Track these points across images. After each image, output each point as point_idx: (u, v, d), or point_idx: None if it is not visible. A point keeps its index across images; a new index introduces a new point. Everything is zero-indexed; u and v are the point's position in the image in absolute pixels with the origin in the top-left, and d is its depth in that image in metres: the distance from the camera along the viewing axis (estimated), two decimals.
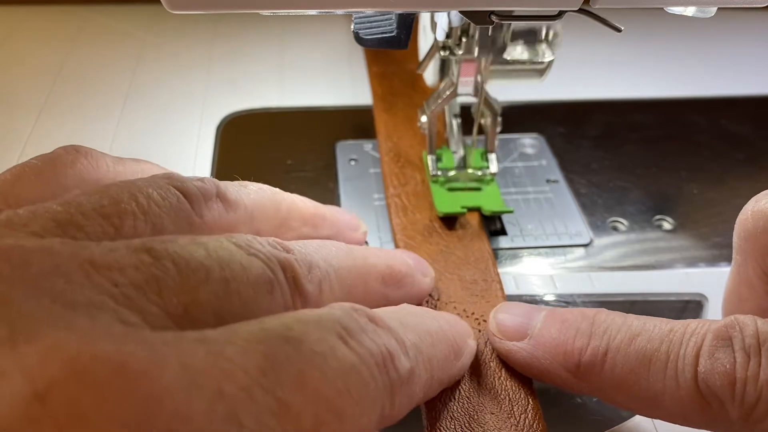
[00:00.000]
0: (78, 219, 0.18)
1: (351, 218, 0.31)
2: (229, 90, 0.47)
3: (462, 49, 0.32)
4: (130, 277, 0.16)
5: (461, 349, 0.24)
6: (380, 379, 0.18)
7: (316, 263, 0.22)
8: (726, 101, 0.48)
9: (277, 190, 0.27)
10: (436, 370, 0.22)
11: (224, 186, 0.24)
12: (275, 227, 0.26)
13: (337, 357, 0.17)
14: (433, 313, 0.25)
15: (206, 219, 0.22)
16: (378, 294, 0.25)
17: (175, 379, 0.14)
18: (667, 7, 0.24)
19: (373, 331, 0.19)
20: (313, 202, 0.29)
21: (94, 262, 0.16)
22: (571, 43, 0.52)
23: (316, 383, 0.16)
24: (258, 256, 0.20)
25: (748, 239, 0.24)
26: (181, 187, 0.22)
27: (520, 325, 0.25)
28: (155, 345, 0.14)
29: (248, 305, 0.18)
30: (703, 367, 0.21)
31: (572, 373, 0.23)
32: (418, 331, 0.21)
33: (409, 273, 0.27)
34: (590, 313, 0.24)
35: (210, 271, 0.18)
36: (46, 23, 0.54)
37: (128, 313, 0.15)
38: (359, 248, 0.26)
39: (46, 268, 0.15)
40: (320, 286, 0.22)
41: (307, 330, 0.17)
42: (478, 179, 0.36)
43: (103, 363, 0.13)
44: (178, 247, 0.18)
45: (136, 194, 0.20)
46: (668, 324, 0.22)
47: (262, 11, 0.22)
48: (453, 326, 0.24)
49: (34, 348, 0.13)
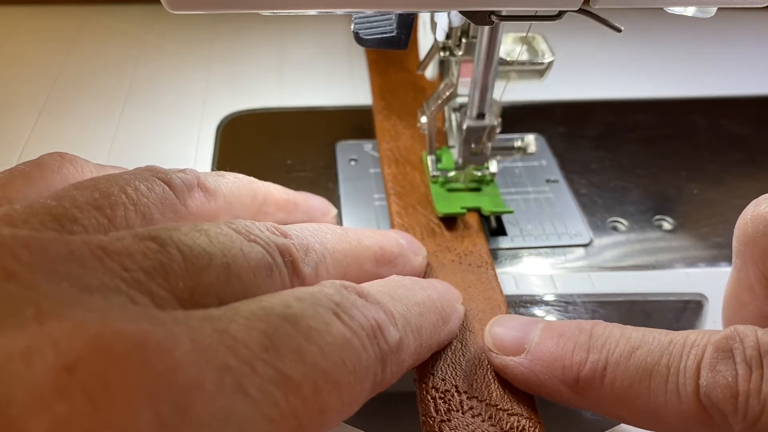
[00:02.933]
0: (73, 212, 0.19)
1: (321, 203, 0.32)
2: (229, 90, 0.47)
3: (462, 50, 0.32)
4: (138, 263, 0.17)
5: (449, 315, 0.25)
6: (371, 350, 0.19)
7: (312, 247, 0.23)
8: (726, 101, 0.48)
9: (252, 179, 0.28)
10: (424, 337, 0.23)
11: (204, 176, 0.25)
12: (253, 214, 0.27)
13: (331, 331, 0.18)
14: (422, 282, 0.26)
15: (190, 208, 0.24)
16: (372, 274, 0.26)
17: (187, 354, 0.15)
18: (667, 7, 0.24)
19: (363, 305, 0.20)
20: (286, 189, 0.30)
21: (105, 248, 0.17)
22: (571, 43, 0.52)
23: (314, 356, 0.17)
24: (257, 242, 0.21)
25: (747, 243, 0.24)
26: (165, 178, 0.23)
27: (517, 339, 0.24)
28: (167, 323, 0.15)
29: (249, 288, 0.20)
30: (705, 380, 0.20)
31: (571, 388, 0.23)
32: (406, 301, 0.23)
33: (402, 253, 0.28)
34: (587, 326, 0.23)
35: (212, 256, 0.19)
36: (46, 23, 0.54)
37: (139, 295, 0.16)
38: (353, 230, 0.27)
39: (63, 254, 0.16)
40: (317, 269, 0.23)
41: (302, 307, 0.18)
42: (477, 179, 0.36)
43: (123, 339, 0.14)
44: (182, 235, 0.19)
45: (124, 186, 0.21)
46: (667, 336, 0.22)
47: (262, 11, 0.22)
48: (440, 293, 0.25)
49: (61, 325, 0.14)
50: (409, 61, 0.47)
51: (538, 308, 0.32)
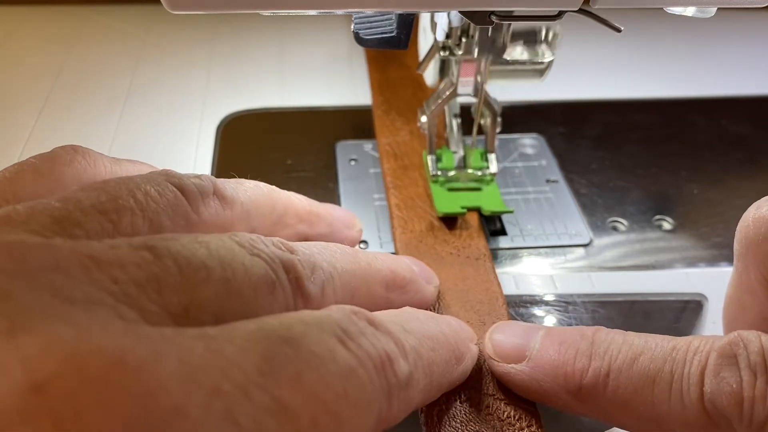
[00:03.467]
0: (76, 216, 0.18)
1: (347, 215, 0.31)
2: (229, 90, 0.47)
3: (462, 50, 0.32)
4: (130, 275, 0.16)
5: (463, 354, 0.24)
6: (378, 383, 0.18)
7: (319, 265, 0.22)
8: (726, 101, 0.48)
9: (273, 188, 0.27)
10: (435, 375, 0.21)
11: (221, 183, 0.24)
12: (271, 225, 0.26)
13: (335, 359, 0.17)
14: (436, 317, 0.24)
15: (203, 216, 0.22)
16: (381, 299, 0.25)
17: (172, 375, 0.13)
18: (667, 7, 0.24)
19: (372, 334, 0.19)
20: (309, 199, 0.29)
21: (95, 258, 0.16)
22: (571, 43, 0.52)
23: (314, 385, 0.16)
24: (261, 256, 0.19)
25: (749, 246, 0.24)
26: (179, 183, 0.22)
27: (518, 346, 0.24)
28: (153, 340, 0.14)
29: (249, 305, 0.18)
30: (709, 387, 0.20)
31: (574, 396, 0.22)
32: (419, 335, 0.21)
33: (414, 279, 0.27)
34: (589, 333, 0.23)
35: (211, 270, 0.18)
36: (46, 23, 0.54)
37: (127, 310, 0.15)
38: (364, 252, 0.25)
39: (47, 263, 0.15)
40: (323, 288, 0.21)
41: (306, 331, 0.17)
42: (478, 179, 0.36)
43: (100, 357, 0.13)
44: (180, 246, 0.18)
45: (133, 190, 0.20)
46: (670, 342, 0.22)
47: (262, 11, 0.22)
48: (455, 330, 0.24)
49: (33, 340, 0.13)
50: (408, 58, 0.47)
51: (538, 308, 0.32)
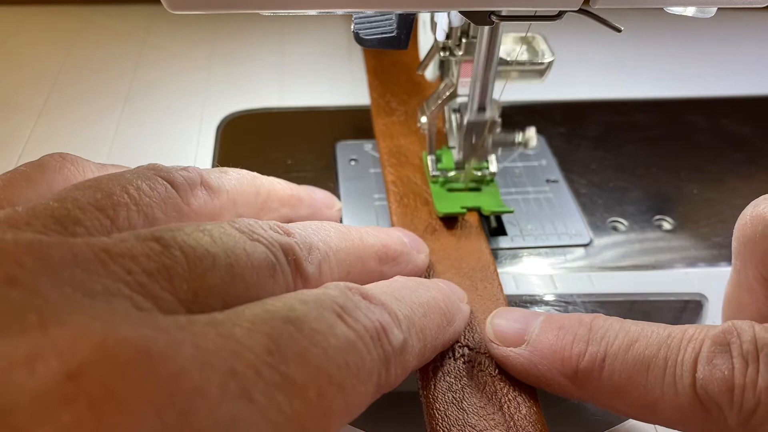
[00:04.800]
0: (75, 213, 0.19)
1: (326, 196, 0.32)
2: (229, 90, 0.47)
3: (462, 50, 0.32)
4: (142, 266, 0.17)
5: (453, 316, 0.25)
6: (375, 352, 0.19)
7: (315, 245, 0.23)
8: (726, 101, 0.48)
9: (255, 174, 0.28)
10: (428, 338, 0.23)
11: (207, 173, 0.25)
12: (256, 210, 0.27)
13: (335, 334, 0.18)
14: (426, 282, 0.25)
15: (193, 206, 0.23)
16: (375, 272, 0.26)
17: (190, 360, 0.15)
18: (667, 7, 0.24)
19: (367, 307, 0.20)
20: (289, 183, 0.30)
21: (109, 251, 0.17)
22: (571, 43, 0.52)
23: (318, 359, 0.17)
24: (261, 241, 0.21)
25: (747, 244, 0.24)
26: (168, 177, 0.23)
27: (517, 330, 0.25)
28: (170, 329, 0.15)
29: (252, 288, 0.19)
30: (702, 374, 0.21)
31: (570, 380, 0.23)
32: (410, 302, 0.23)
33: (405, 251, 0.28)
34: (587, 319, 0.24)
35: (216, 257, 0.19)
36: (46, 23, 0.54)
37: (142, 299, 0.16)
38: (356, 228, 0.26)
39: (66, 259, 0.16)
40: (320, 268, 0.23)
41: (306, 310, 0.18)
42: (477, 179, 0.36)
43: (127, 346, 0.14)
44: (185, 236, 0.19)
45: (126, 186, 0.21)
46: (666, 329, 0.22)
47: (262, 11, 0.22)
48: (445, 294, 0.25)
49: (64, 332, 0.14)
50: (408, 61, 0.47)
51: (538, 308, 0.32)
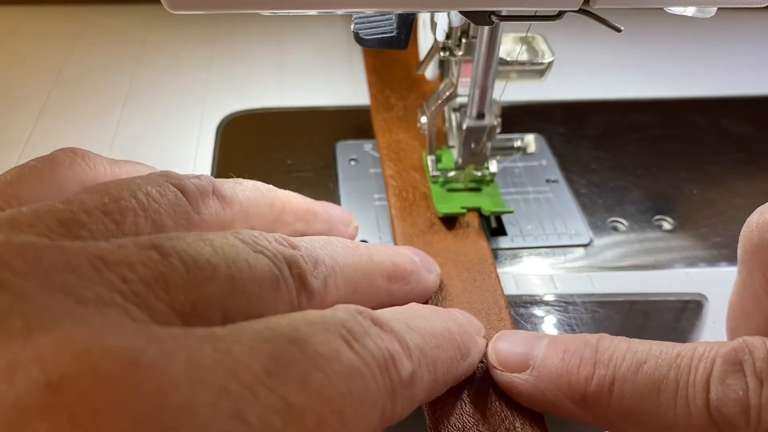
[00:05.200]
0: (81, 217, 0.18)
1: (343, 213, 0.31)
2: (229, 90, 0.47)
3: (462, 50, 0.32)
4: (138, 274, 0.16)
5: (469, 349, 0.24)
6: (382, 382, 0.18)
7: (321, 260, 0.22)
8: (726, 101, 0.48)
9: (270, 187, 0.27)
10: (440, 371, 0.21)
11: (220, 183, 0.24)
12: (270, 223, 0.26)
13: (340, 360, 0.17)
14: (442, 312, 0.24)
15: (204, 216, 0.23)
16: (383, 291, 0.25)
17: (181, 374, 0.14)
18: (667, 7, 0.24)
19: (377, 334, 0.19)
20: (306, 198, 0.29)
21: (104, 258, 0.16)
22: (571, 43, 0.52)
23: (320, 385, 0.16)
24: (264, 253, 0.20)
25: (754, 252, 0.24)
26: (179, 184, 0.22)
27: (521, 355, 0.24)
28: (163, 340, 0.15)
29: (254, 302, 0.19)
30: (715, 394, 0.20)
31: (578, 404, 0.22)
32: (423, 332, 0.21)
33: (415, 270, 0.27)
34: (593, 340, 0.23)
35: (216, 268, 0.18)
36: (46, 23, 0.54)
37: (136, 309, 0.16)
38: (365, 245, 0.26)
39: (59, 264, 0.15)
40: (325, 283, 0.22)
41: (312, 331, 0.17)
42: (477, 179, 0.36)
43: (113, 357, 0.13)
44: (186, 245, 0.18)
45: (135, 191, 0.20)
46: (675, 348, 0.22)
47: (262, 11, 0.22)
48: (461, 325, 0.24)
49: (48, 340, 0.13)
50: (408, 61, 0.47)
51: (538, 308, 0.32)
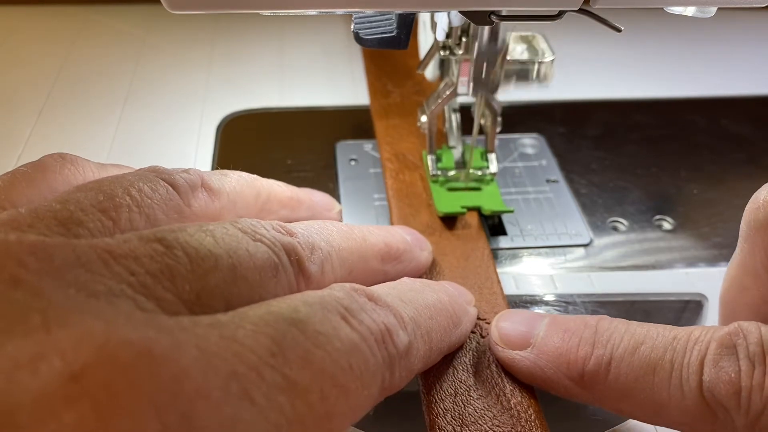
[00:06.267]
0: (78, 215, 0.19)
1: (325, 198, 0.32)
2: (229, 90, 0.47)
3: (462, 49, 0.32)
4: (145, 266, 0.17)
5: (460, 318, 0.25)
6: (380, 355, 0.19)
7: (318, 245, 0.23)
8: (726, 101, 0.48)
9: (255, 177, 0.28)
10: (434, 341, 0.23)
11: (207, 175, 0.25)
12: (256, 212, 0.27)
13: (339, 336, 0.18)
14: (433, 285, 0.25)
15: (194, 209, 0.23)
16: (377, 271, 0.26)
17: (193, 362, 0.15)
18: (667, 7, 0.24)
19: (372, 309, 0.20)
20: (289, 186, 0.30)
21: (112, 252, 0.17)
22: (571, 43, 0.52)
23: (321, 361, 0.17)
24: (263, 241, 0.21)
25: (758, 229, 0.24)
26: (169, 179, 0.23)
27: (523, 333, 0.25)
28: (173, 331, 0.15)
29: (255, 288, 0.19)
30: (708, 376, 0.20)
31: (576, 383, 0.23)
32: (416, 304, 0.22)
33: (407, 249, 0.28)
34: (593, 321, 0.24)
35: (218, 258, 0.19)
36: (46, 23, 0.54)
37: (145, 300, 0.16)
38: (359, 227, 0.26)
39: (69, 260, 0.16)
40: (322, 267, 0.23)
41: (311, 312, 0.18)
42: (478, 179, 0.36)
43: (129, 348, 0.14)
44: (188, 236, 0.19)
45: (128, 188, 0.21)
46: (672, 331, 0.22)
47: (262, 11, 0.22)
48: (452, 296, 0.25)
49: (67, 334, 0.14)
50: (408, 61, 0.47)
51: (538, 308, 0.32)
